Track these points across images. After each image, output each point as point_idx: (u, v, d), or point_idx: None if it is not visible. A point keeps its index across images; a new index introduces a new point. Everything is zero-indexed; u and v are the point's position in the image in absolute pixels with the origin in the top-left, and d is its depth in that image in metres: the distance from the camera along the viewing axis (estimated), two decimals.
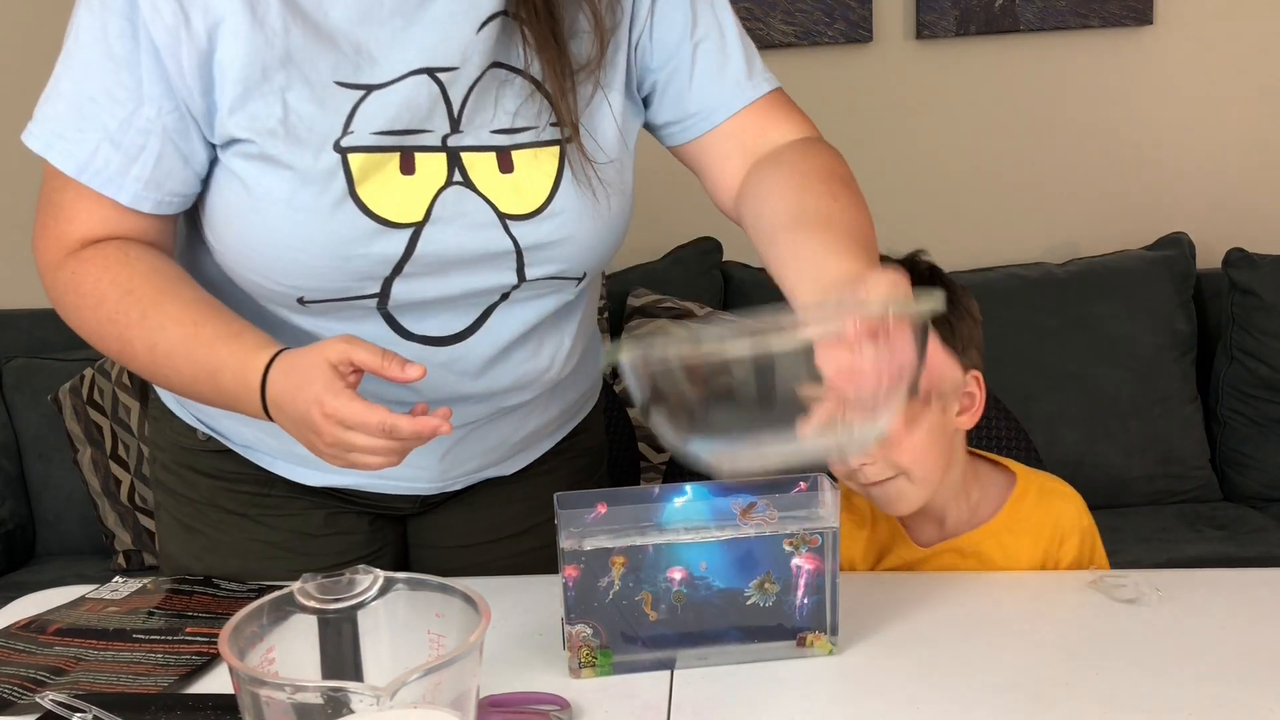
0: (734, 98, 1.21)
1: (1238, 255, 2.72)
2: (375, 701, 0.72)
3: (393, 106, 1.09)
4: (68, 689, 1.04)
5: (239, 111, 1.08)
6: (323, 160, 1.08)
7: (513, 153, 1.12)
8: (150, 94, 1.08)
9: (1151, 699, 0.99)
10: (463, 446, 1.24)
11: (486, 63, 1.12)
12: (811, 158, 1.18)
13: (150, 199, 1.12)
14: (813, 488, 1.07)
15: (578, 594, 1.04)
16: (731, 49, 1.22)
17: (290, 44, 1.07)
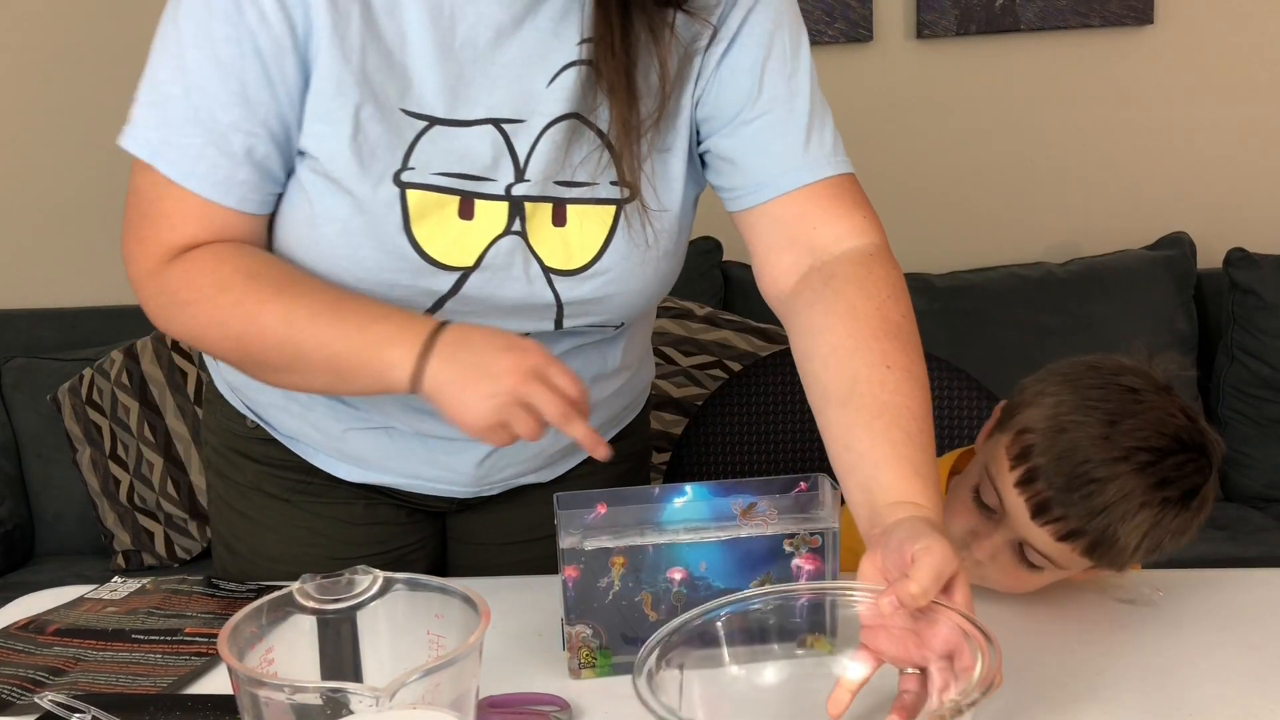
0: (784, 177, 1.15)
1: (1238, 255, 2.72)
2: (375, 702, 0.72)
3: (455, 149, 1.08)
4: (66, 689, 1.04)
5: (314, 124, 1.07)
6: (381, 191, 1.07)
7: (568, 207, 1.12)
8: (259, 98, 1.06)
9: (1152, 699, 0.99)
10: (500, 456, 1.25)
11: (557, 114, 1.11)
12: (868, 295, 1.09)
13: (254, 200, 1.10)
14: (813, 488, 1.07)
15: (577, 594, 1.04)
16: (795, 124, 1.17)
17: (366, 63, 1.06)
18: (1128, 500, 1.09)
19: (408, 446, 1.23)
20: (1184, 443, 1.11)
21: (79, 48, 2.87)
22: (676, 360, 2.60)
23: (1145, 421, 1.11)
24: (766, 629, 0.95)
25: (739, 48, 1.16)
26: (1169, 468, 1.10)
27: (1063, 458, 1.10)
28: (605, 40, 1.09)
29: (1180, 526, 1.11)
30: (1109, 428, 1.10)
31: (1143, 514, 1.09)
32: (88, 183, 2.94)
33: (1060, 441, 1.11)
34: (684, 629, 0.89)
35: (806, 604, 0.98)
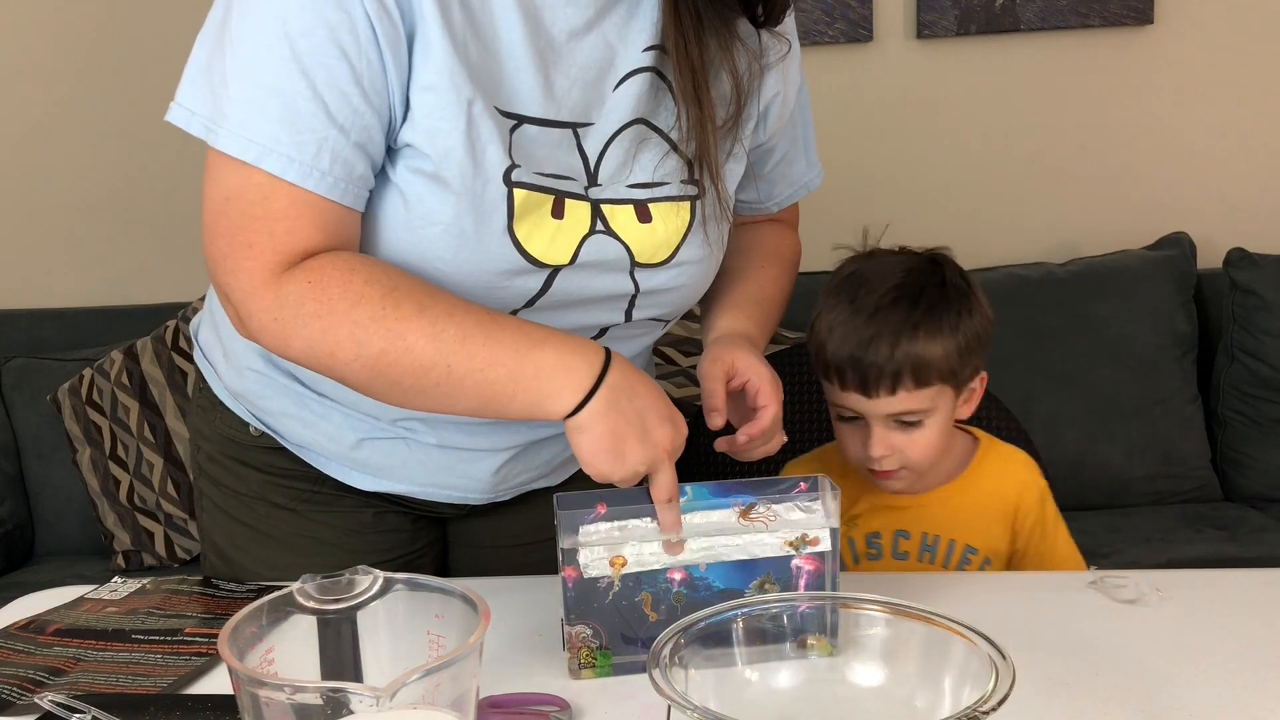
0: (796, 194, 1.41)
1: (1238, 255, 2.72)
2: (375, 702, 0.72)
3: (541, 150, 1.09)
4: (66, 689, 1.04)
5: (426, 120, 1.03)
6: (490, 190, 1.06)
7: (650, 205, 1.14)
8: (373, 88, 1.02)
9: (1152, 699, 0.99)
10: (515, 463, 1.25)
11: (626, 119, 1.12)
12: (769, 235, 1.38)
13: (365, 197, 1.06)
14: (813, 489, 1.07)
15: (577, 595, 1.04)
16: (810, 147, 1.39)
17: (469, 56, 1.04)
18: (903, 329, 1.33)
19: (426, 456, 1.23)
20: (907, 268, 1.38)
21: (81, 48, 2.87)
22: (676, 360, 2.60)
23: (871, 279, 1.38)
24: (768, 631, 0.95)
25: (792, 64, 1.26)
26: (910, 289, 1.36)
27: (841, 344, 1.35)
28: (680, 47, 1.10)
29: (959, 313, 1.36)
30: (851, 302, 1.37)
31: (923, 328, 1.33)
32: (89, 183, 2.94)
33: (832, 335, 1.36)
34: (691, 630, 0.89)
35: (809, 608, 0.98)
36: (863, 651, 0.92)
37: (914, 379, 1.33)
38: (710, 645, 0.90)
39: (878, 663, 0.91)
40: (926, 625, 0.88)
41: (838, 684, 0.92)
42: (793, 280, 1.38)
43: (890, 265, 1.40)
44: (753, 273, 1.31)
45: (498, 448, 1.23)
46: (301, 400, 1.22)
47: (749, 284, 1.30)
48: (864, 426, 1.38)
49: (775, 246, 1.37)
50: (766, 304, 1.30)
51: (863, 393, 1.35)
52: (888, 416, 1.36)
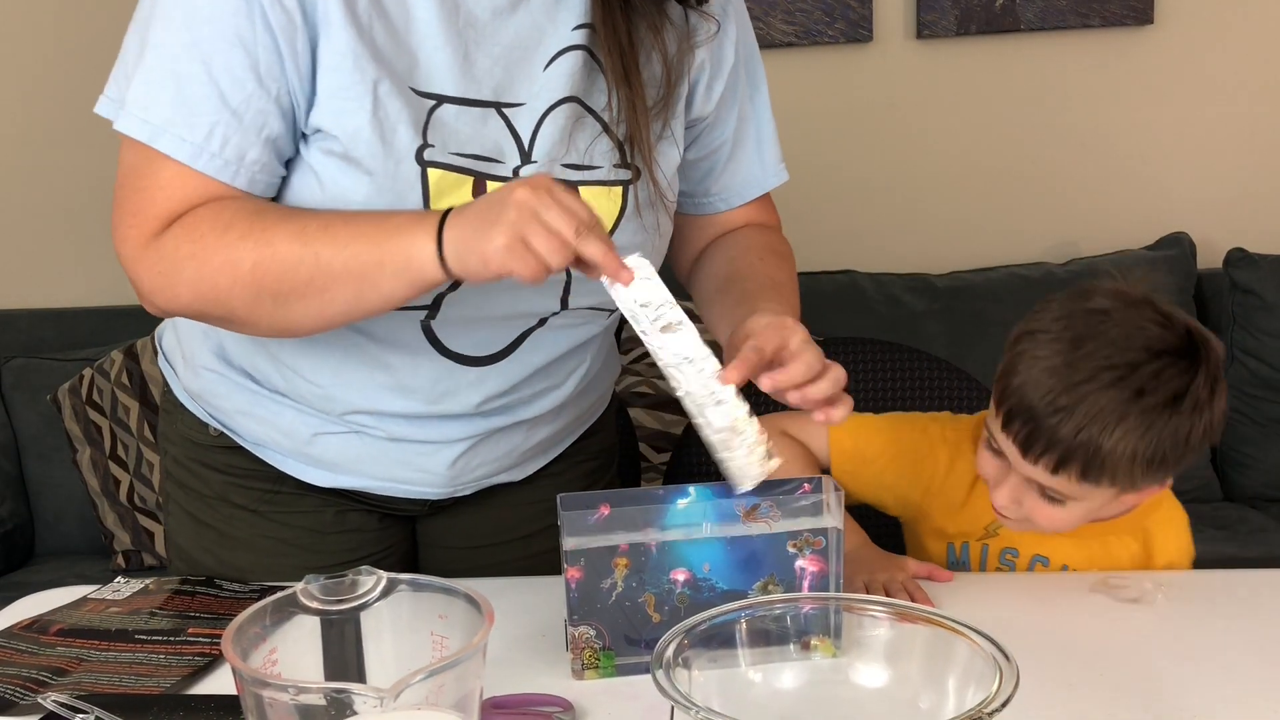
0: (748, 191, 1.31)
1: (1238, 255, 2.72)
2: (379, 703, 0.72)
3: (464, 130, 1.09)
4: (70, 690, 1.04)
5: (331, 101, 1.06)
6: (404, 170, 1.07)
7: (580, 188, 1.13)
8: (269, 74, 1.04)
9: (1155, 699, 0.99)
10: (472, 455, 1.24)
11: (558, 98, 1.12)
12: (757, 235, 1.30)
13: (263, 181, 1.08)
14: (816, 489, 1.07)
15: (581, 595, 1.04)
16: (765, 143, 1.29)
17: (376, 38, 1.06)
18: (1102, 417, 1.12)
19: (380, 450, 1.22)
20: (1157, 350, 1.13)
21: (80, 47, 2.87)
22: None
23: (1108, 340, 1.14)
24: (772, 632, 0.95)
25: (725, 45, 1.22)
26: (1144, 377, 1.12)
27: (1029, 393, 1.15)
28: (608, 26, 1.10)
29: (1177, 430, 1.13)
30: (1072, 353, 1.14)
31: (1123, 427, 1.12)
32: (88, 183, 2.94)
33: (1027, 377, 1.16)
34: (695, 630, 0.89)
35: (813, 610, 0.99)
36: (866, 652, 0.92)
37: (1081, 471, 1.15)
38: (714, 646, 0.90)
39: (881, 664, 0.91)
40: (930, 626, 0.88)
41: (841, 685, 0.92)
42: (795, 275, 1.30)
43: (1140, 330, 1.15)
44: (756, 269, 1.25)
45: (451, 439, 1.22)
46: (255, 398, 1.23)
47: (760, 279, 1.22)
48: (1004, 466, 1.22)
49: (766, 244, 1.30)
50: (784, 290, 1.21)
51: (1021, 450, 1.17)
52: (1032, 480, 1.20)
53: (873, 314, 2.70)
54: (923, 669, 0.89)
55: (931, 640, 0.88)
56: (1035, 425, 1.15)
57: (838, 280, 2.78)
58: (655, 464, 2.55)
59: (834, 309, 2.72)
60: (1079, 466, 1.14)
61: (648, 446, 2.56)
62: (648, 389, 2.60)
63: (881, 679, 0.91)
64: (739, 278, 1.23)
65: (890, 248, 2.90)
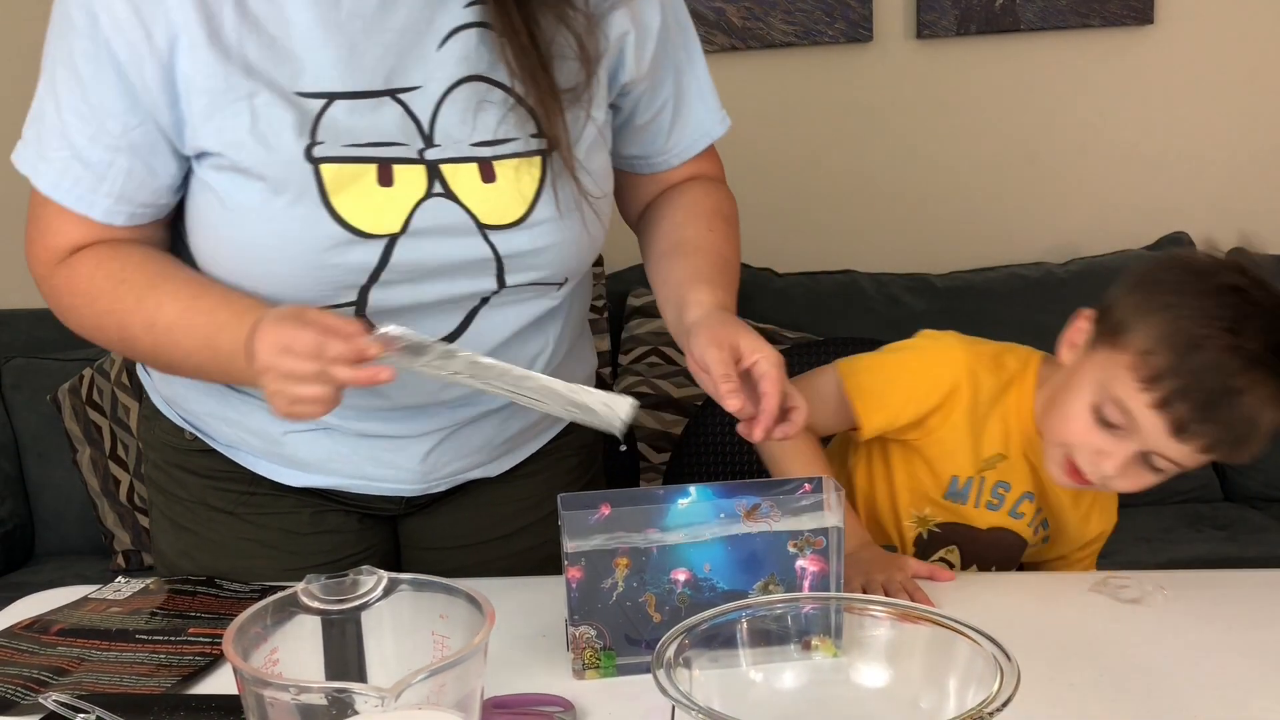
0: (699, 143, 1.30)
1: (1238, 255, 2.72)
2: (380, 703, 0.72)
3: (361, 121, 1.09)
4: (70, 689, 1.04)
5: (208, 122, 1.08)
6: (294, 170, 1.08)
7: (494, 163, 1.12)
8: (114, 109, 1.09)
9: (1152, 699, 0.99)
10: (444, 449, 1.24)
11: (457, 77, 1.11)
12: (704, 197, 1.29)
13: (123, 213, 1.14)
14: (817, 489, 1.07)
15: (581, 595, 1.04)
16: (706, 93, 1.29)
17: (247, 55, 1.07)
18: (1269, 402, 1.14)
19: (349, 446, 1.22)
20: None
21: None
22: (676, 360, 2.60)
23: (1268, 320, 1.15)
24: (773, 632, 0.95)
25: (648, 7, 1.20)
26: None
27: (1199, 376, 1.14)
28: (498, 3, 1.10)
29: None
30: (1234, 336, 1.14)
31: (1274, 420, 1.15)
32: None
33: (1193, 359, 1.14)
34: (695, 630, 0.89)
35: (814, 610, 0.99)
36: (867, 652, 0.92)
37: (1229, 450, 1.18)
38: (714, 646, 0.90)
39: (882, 664, 0.91)
40: (931, 626, 0.89)
41: (842, 685, 0.92)
42: (739, 237, 1.31)
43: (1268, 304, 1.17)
44: (703, 239, 1.25)
45: (420, 433, 1.22)
46: (225, 399, 1.24)
47: (705, 253, 1.24)
48: (1118, 439, 1.20)
49: (713, 207, 1.29)
50: (729, 270, 1.24)
51: (1174, 430, 1.16)
52: (1152, 451, 1.20)
53: (873, 314, 2.70)
54: (923, 669, 0.89)
55: (932, 640, 0.88)
56: (1206, 408, 1.14)
57: (838, 280, 2.78)
58: (655, 464, 2.55)
59: (834, 309, 2.72)
60: (1228, 448, 1.17)
61: (648, 446, 2.56)
62: (648, 389, 2.60)
63: (882, 679, 0.91)
64: (688, 249, 1.24)
65: (890, 248, 2.90)
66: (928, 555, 1.36)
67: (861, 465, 1.40)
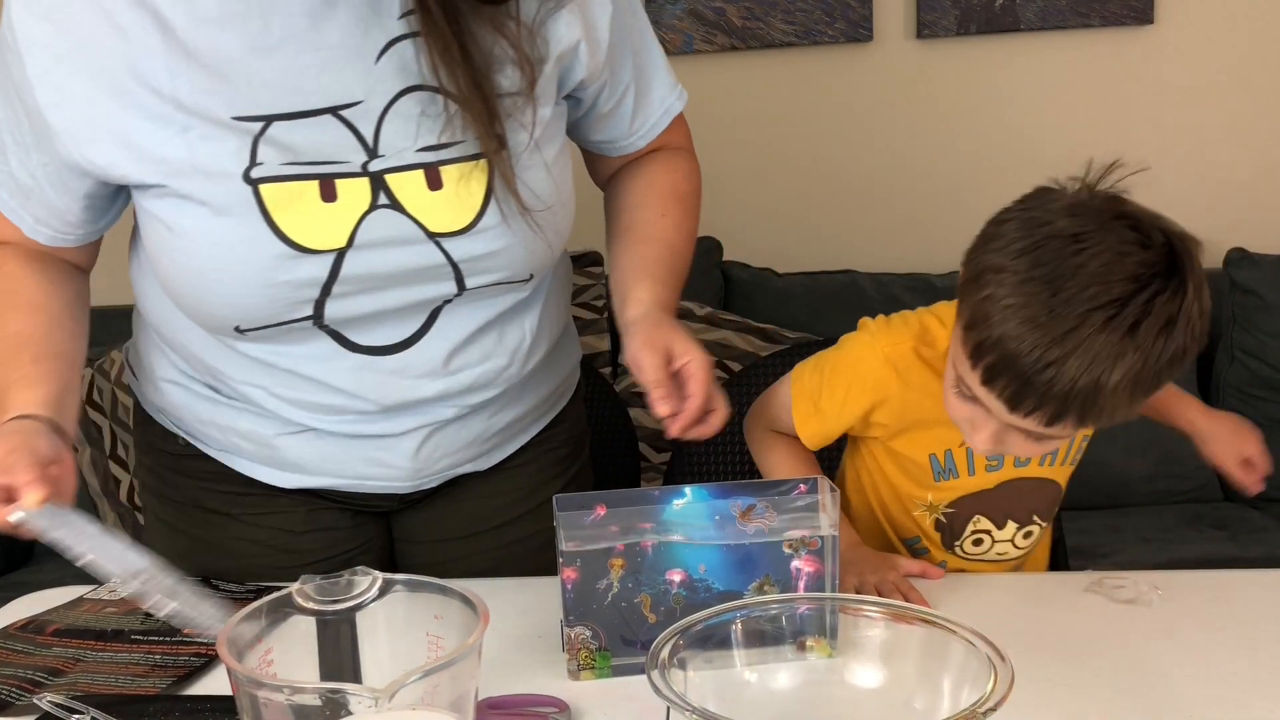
0: (662, 121, 1.30)
1: (1238, 255, 2.72)
2: (374, 703, 0.72)
3: (302, 140, 1.09)
4: (66, 690, 1.04)
5: (144, 160, 1.09)
6: (234, 192, 1.08)
7: (440, 169, 1.11)
8: (36, 145, 1.12)
9: (1152, 700, 0.99)
10: (434, 445, 1.24)
11: (398, 89, 1.11)
12: (663, 173, 1.30)
13: (44, 234, 1.19)
14: (812, 491, 1.07)
15: (576, 596, 1.04)
16: (661, 70, 1.28)
17: (179, 89, 1.08)
18: (1098, 363, 1.03)
19: (339, 446, 1.23)
20: (1144, 277, 1.04)
21: None
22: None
23: (1091, 275, 1.03)
24: (768, 632, 0.95)
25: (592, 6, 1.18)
26: (1135, 311, 1.02)
27: (1013, 349, 1.05)
28: (424, 7, 1.09)
29: (1175, 352, 1.05)
30: (1051, 298, 1.04)
31: (1121, 365, 1.03)
32: None
33: (1006, 330, 1.05)
34: (690, 631, 0.89)
35: (808, 610, 0.99)
36: (862, 653, 0.92)
37: (1078, 418, 1.09)
38: (709, 647, 0.90)
39: (877, 664, 0.91)
40: (925, 627, 0.88)
41: (837, 685, 0.92)
42: (697, 212, 1.32)
43: (1115, 255, 1.05)
44: (653, 226, 1.26)
45: (408, 430, 1.22)
46: (215, 406, 1.24)
47: (653, 242, 1.25)
48: (982, 411, 1.15)
49: (670, 186, 1.29)
50: (675, 259, 1.26)
51: (1009, 406, 1.10)
52: (1016, 427, 1.14)
53: (872, 314, 2.69)
54: (918, 669, 0.89)
55: (927, 640, 0.88)
56: (1025, 382, 1.06)
57: (838, 280, 2.78)
58: (655, 464, 2.55)
59: (834, 309, 2.72)
60: (1076, 415, 1.08)
61: (648, 447, 2.56)
62: None
63: (877, 679, 0.91)
64: (637, 236, 1.26)
65: (890, 248, 2.90)
66: (959, 535, 1.34)
67: (863, 467, 1.39)
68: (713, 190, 1.30)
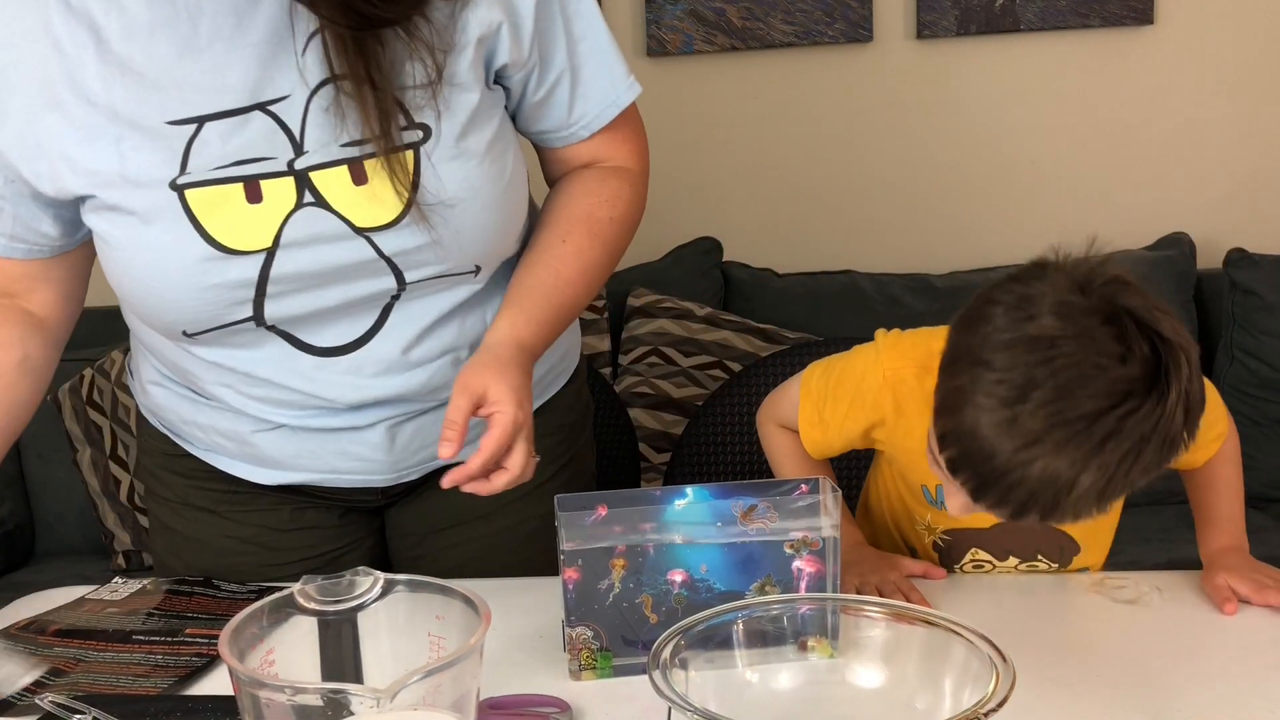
0: (607, 112, 1.25)
1: (1238, 255, 2.72)
2: (375, 703, 0.72)
3: (233, 140, 1.10)
4: (67, 690, 1.04)
5: (78, 172, 1.10)
6: (160, 200, 1.09)
7: (365, 163, 1.11)
8: None
9: (1153, 700, 0.99)
10: (409, 438, 1.24)
11: (318, 80, 1.11)
12: (586, 195, 1.25)
13: (20, 249, 1.19)
14: (814, 491, 1.07)
15: (578, 596, 1.04)
16: (608, 60, 1.23)
17: (114, 99, 1.09)
18: (1060, 476, 0.98)
19: (315, 442, 1.23)
20: (1118, 395, 0.96)
21: None
22: (676, 360, 2.60)
23: (1058, 388, 0.96)
24: (769, 632, 0.95)
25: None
26: (1103, 429, 0.96)
27: (976, 448, 1.00)
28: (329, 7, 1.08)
29: (1150, 463, 0.98)
30: (1019, 404, 0.97)
31: (1084, 479, 0.98)
32: None
33: (972, 429, 1.00)
34: (692, 631, 0.89)
35: (810, 610, 0.99)
36: (863, 653, 0.92)
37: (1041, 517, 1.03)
38: (711, 647, 0.90)
39: (878, 664, 0.91)
40: (927, 627, 0.88)
41: (838, 686, 0.92)
42: (615, 240, 1.25)
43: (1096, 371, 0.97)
44: (547, 252, 1.21)
45: (375, 421, 1.22)
46: (195, 406, 1.26)
47: (538, 269, 1.20)
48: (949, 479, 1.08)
49: (585, 211, 1.23)
50: (559, 290, 1.19)
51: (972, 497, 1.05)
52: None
53: (873, 314, 2.70)
54: (919, 669, 0.89)
55: (928, 641, 0.88)
56: (986, 481, 1.01)
57: (838, 280, 2.78)
58: (655, 464, 2.55)
59: (834, 309, 2.72)
60: (1039, 515, 1.02)
61: (648, 447, 2.56)
62: (648, 389, 2.60)
63: (878, 679, 0.91)
64: (529, 260, 1.22)
65: (890, 248, 2.90)
66: (957, 560, 1.32)
67: (878, 477, 1.38)
68: (713, 190, 1.29)
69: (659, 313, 2.66)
